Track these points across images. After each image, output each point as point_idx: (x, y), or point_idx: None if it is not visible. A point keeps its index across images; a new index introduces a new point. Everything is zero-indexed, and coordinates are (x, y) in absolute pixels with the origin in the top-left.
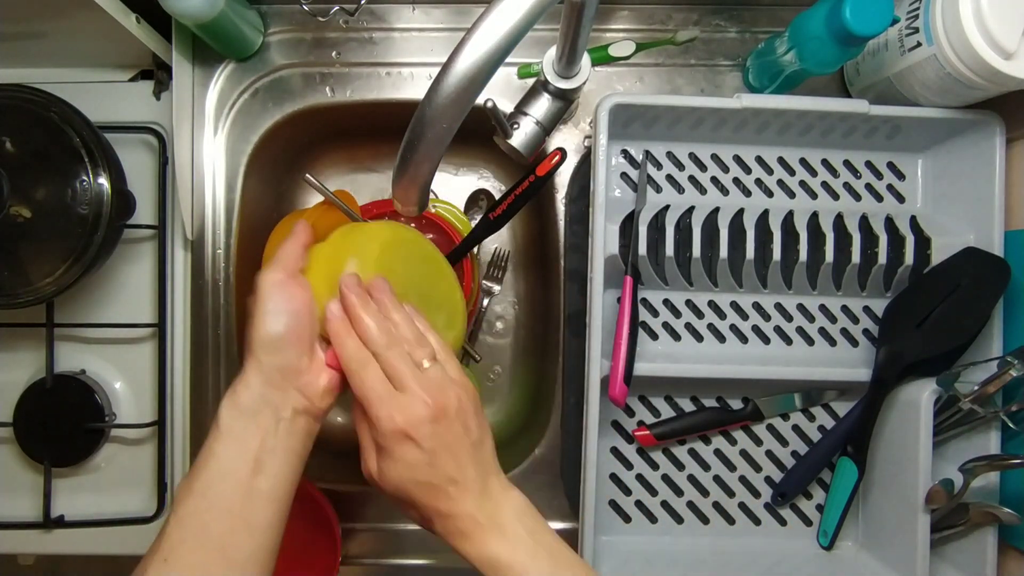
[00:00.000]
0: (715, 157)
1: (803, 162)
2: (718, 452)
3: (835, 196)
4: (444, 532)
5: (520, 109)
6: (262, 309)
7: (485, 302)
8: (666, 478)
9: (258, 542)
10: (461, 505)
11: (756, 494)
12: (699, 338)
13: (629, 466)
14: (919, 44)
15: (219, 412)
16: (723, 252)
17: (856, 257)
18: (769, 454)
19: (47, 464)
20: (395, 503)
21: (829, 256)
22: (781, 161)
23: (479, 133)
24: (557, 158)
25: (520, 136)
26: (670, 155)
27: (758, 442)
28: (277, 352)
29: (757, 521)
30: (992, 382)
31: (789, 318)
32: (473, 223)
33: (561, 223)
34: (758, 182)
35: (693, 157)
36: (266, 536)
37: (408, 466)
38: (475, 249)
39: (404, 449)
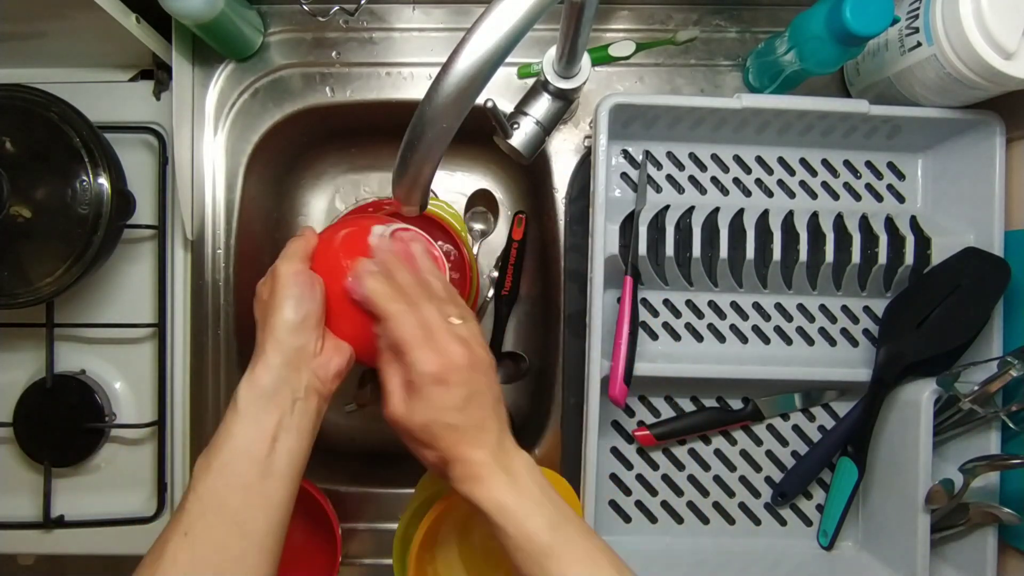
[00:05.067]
0: (715, 157)
1: (803, 162)
2: (718, 452)
3: (835, 196)
4: (458, 476)
5: (520, 109)
6: (283, 294)
7: (488, 295)
8: (666, 478)
9: (273, 518)
10: (480, 451)
11: (756, 494)
12: (699, 338)
13: (629, 466)
14: (919, 44)
15: (237, 393)
16: (723, 252)
17: (856, 257)
18: (769, 454)
19: (47, 464)
20: (413, 444)
21: (829, 256)
22: (781, 161)
23: (479, 133)
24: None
25: (520, 136)
26: (670, 155)
27: (758, 442)
28: (297, 334)
29: (757, 521)
30: (992, 382)
31: (789, 318)
32: (472, 225)
33: (561, 223)
34: (758, 182)
35: (693, 157)
36: (280, 512)
37: (438, 408)
38: (475, 250)
39: (438, 391)
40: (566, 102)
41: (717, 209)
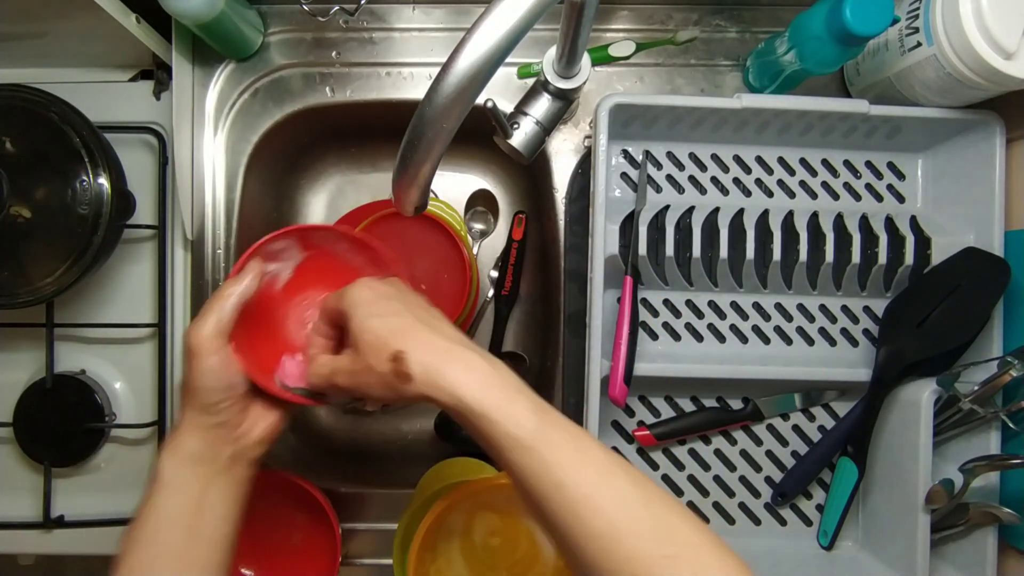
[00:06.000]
0: (715, 157)
1: (803, 162)
2: (718, 452)
3: (835, 196)
4: (421, 366)
5: (520, 109)
6: (195, 367)
7: (488, 295)
8: (666, 478)
9: None
10: (437, 334)
11: (756, 494)
12: (699, 338)
13: None
14: (919, 44)
15: (159, 465)
16: (723, 252)
17: (856, 257)
18: (769, 454)
19: (47, 464)
20: (371, 371)
21: (829, 256)
22: (781, 161)
23: (479, 133)
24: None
25: (520, 136)
26: (670, 155)
27: (758, 442)
28: (212, 413)
29: (757, 521)
30: (992, 382)
31: (789, 318)
32: (472, 225)
33: (561, 223)
34: (758, 182)
35: (693, 157)
36: None
37: (385, 315)
38: (475, 250)
39: (382, 305)
40: (566, 102)
41: (717, 209)
